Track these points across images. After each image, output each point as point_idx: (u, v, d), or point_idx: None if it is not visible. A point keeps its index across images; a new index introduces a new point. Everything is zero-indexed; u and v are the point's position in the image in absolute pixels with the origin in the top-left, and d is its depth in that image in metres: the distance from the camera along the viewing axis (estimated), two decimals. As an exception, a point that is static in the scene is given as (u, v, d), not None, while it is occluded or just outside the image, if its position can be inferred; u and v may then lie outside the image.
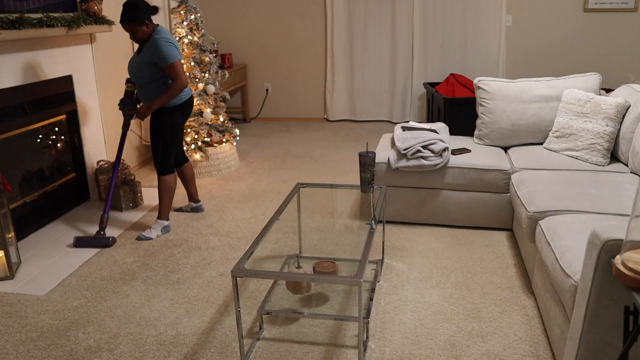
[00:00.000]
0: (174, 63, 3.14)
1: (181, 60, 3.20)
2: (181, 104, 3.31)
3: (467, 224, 3.37)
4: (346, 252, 3.12)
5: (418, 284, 2.75)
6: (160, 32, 3.17)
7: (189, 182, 3.69)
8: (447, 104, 4.74)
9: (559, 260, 2.04)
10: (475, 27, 5.99)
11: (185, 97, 3.34)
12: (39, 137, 3.60)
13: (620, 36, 5.83)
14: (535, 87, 3.51)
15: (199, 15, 4.50)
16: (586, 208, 2.49)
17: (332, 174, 4.52)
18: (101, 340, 2.36)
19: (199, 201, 3.78)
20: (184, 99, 3.33)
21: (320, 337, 2.34)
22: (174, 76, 3.16)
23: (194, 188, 3.73)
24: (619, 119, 3.10)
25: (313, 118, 6.66)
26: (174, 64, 3.14)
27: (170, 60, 3.13)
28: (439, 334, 2.34)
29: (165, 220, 3.44)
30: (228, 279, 2.86)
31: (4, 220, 2.87)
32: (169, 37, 3.16)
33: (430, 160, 3.24)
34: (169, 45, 3.13)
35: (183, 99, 3.31)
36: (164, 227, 3.43)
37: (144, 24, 3.12)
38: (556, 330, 2.09)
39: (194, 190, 3.73)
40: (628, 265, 1.38)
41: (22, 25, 3.09)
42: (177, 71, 3.16)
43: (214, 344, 2.32)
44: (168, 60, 3.12)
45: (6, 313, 2.59)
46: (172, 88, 3.16)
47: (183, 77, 3.18)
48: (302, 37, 6.39)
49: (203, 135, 4.49)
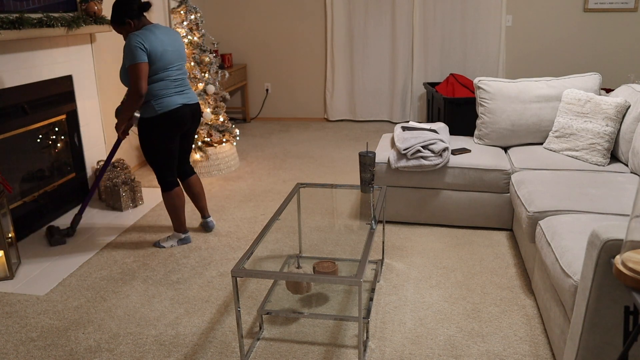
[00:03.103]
0: (130, 66, 2.78)
1: (142, 64, 2.78)
2: (160, 115, 2.92)
3: (467, 224, 3.37)
4: (346, 252, 3.12)
5: (418, 284, 2.75)
6: (139, 32, 2.83)
7: (195, 196, 3.36)
8: (447, 104, 4.74)
9: (559, 260, 2.04)
10: (475, 27, 5.99)
11: (165, 109, 2.92)
12: (39, 137, 3.60)
13: (620, 36, 5.83)
14: (535, 87, 3.51)
15: (199, 15, 4.50)
16: (586, 208, 2.49)
17: (332, 174, 4.52)
18: (101, 340, 2.36)
19: (208, 216, 3.45)
20: (163, 111, 2.92)
21: (320, 337, 2.34)
22: (129, 82, 2.81)
23: (202, 203, 3.39)
24: (619, 119, 3.10)
25: (313, 118, 6.66)
26: (130, 67, 2.78)
27: (127, 63, 2.79)
28: (439, 334, 2.34)
29: (181, 233, 3.26)
30: (228, 279, 2.86)
31: (4, 220, 2.87)
32: (144, 38, 2.80)
33: (430, 160, 3.24)
34: (135, 47, 2.76)
35: (162, 111, 2.92)
36: (181, 240, 3.26)
37: (125, 23, 2.88)
38: (556, 330, 2.09)
39: (202, 205, 3.40)
40: (628, 265, 1.38)
41: (22, 25, 3.09)
42: (133, 76, 2.78)
43: (214, 344, 2.32)
44: (126, 63, 2.80)
45: (6, 313, 2.59)
46: (128, 96, 2.83)
47: (139, 83, 2.77)
48: (302, 37, 6.39)
49: (203, 135, 4.49)
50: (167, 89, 2.94)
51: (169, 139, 3.02)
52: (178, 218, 3.21)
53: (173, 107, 2.95)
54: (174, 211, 3.19)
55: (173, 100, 2.96)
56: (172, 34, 3.00)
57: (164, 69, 2.92)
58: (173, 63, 2.96)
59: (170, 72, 2.95)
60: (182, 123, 3.03)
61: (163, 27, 2.98)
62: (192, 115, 3.09)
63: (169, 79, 2.95)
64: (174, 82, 2.98)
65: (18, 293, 2.77)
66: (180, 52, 3.01)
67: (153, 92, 2.92)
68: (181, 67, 3.04)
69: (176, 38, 3.01)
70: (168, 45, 2.92)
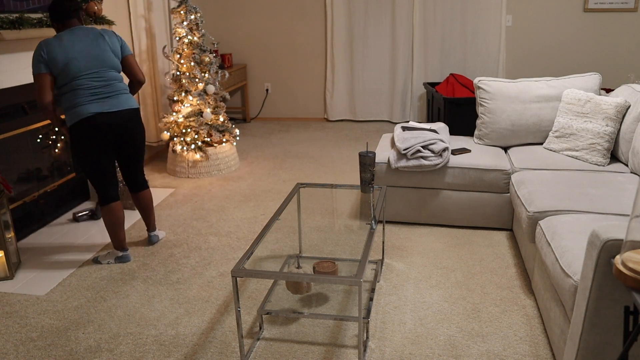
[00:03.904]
0: (33, 76, 2.72)
1: (40, 75, 2.70)
2: (73, 126, 2.78)
3: (467, 224, 3.37)
4: (346, 252, 3.12)
5: (418, 284, 2.75)
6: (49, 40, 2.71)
7: (143, 210, 3.19)
8: (447, 104, 4.74)
9: (559, 260, 2.04)
10: (475, 27, 5.99)
11: (74, 119, 2.76)
12: (39, 137, 3.60)
13: (620, 36, 5.83)
14: (535, 87, 3.51)
15: (199, 15, 4.50)
16: (586, 208, 2.49)
17: (332, 174, 4.52)
18: (101, 340, 2.36)
19: (153, 230, 3.26)
20: (73, 122, 2.77)
21: (320, 337, 2.34)
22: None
23: (150, 218, 3.23)
24: (619, 119, 3.10)
25: (313, 118, 6.66)
26: (33, 77, 2.72)
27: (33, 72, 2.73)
28: (439, 334, 2.34)
29: (119, 251, 3.05)
30: (228, 279, 2.86)
31: (4, 220, 2.87)
32: (48, 48, 2.68)
33: (430, 160, 3.24)
34: (36, 58, 2.68)
35: (72, 122, 2.77)
36: (118, 257, 3.05)
37: (53, 25, 2.82)
38: (556, 330, 2.09)
39: (149, 220, 3.23)
40: (628, 265, 1.38)
41: (22, 25, 3.09)
42: (35, 86, 2.72)
43: (214, 344, 2.32)
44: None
45: (6, 313, 2.59)
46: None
47: (40, 94, 2.70)
48: (302, 37, 6.39)
49: (203, 135, 4.49)
50: (78, 98, 2.75)
51: (93, 151, 2.81)
52: (115, 235, 3.01)
53: (83, 117, 2.74)
54: (110, 227, 2.98)
55: (84, 109, 2.75)
56: (89, 40, 2.77)
57: (73, 78, 2.73)
58: (83, 71, 2.74)
59: (81, 81, 2.74)
60: (99, 133, 2.79)
61: (81, 32, 2.78)
62: (115, 125, 2.82)
63: (80, 89, 2.75)
64: (88, 90, 2.75)
65: (18, 293, 2.77)
66: (98, 58, 2.77)
67: (65, 102, 2.79)
68: (101, 73, 2.79)
69: (95, 44, 2.78)
70: (77, 53, 2.72)
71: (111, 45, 2.85)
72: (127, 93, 2.92)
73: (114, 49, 2.86)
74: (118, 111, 2.83)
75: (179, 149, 4.46)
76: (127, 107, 2.87)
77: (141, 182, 3.14)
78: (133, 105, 2.92)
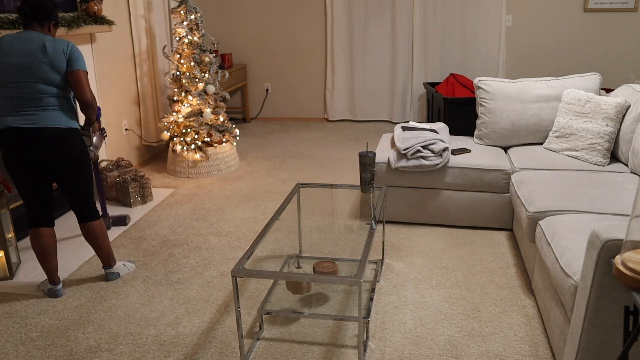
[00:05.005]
0: None
1: None
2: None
3: (467, 224, 3.38)
4: (346, 252, 3.12)
5: (418, 284, 2.75)
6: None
7: (92, 244, 2.80)
8: (447, 104, 4.74)
9: (559, 260, 2.04)
10: (475, 27, 5.99)
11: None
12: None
13: (620, 36, 5.83)
14: (535, 87, 3.51)
15: (199, 15, 4.50)
16: (586, 208, 2.50)
17: (332, 174, 4.52)
18: (101, 340, 2.36)
19: (109, 267, 2.86)
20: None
21: (320, 337, 2.34)
22: None
23: (101, 253, 2.82)
24: (619, 119, 3.10)
25: (313, 118, 6.66)
26: None
27: None
28: (439, 334, 2.34)
29: (49, 283, 2.72)
30: (228, 279, 2.86)
31: (4, 220, 2.87)
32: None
33: (430, 160, 3.24)
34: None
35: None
36: (49, 289, 2.72)
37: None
38: (556, 330, 2.09)
39: (102, 255, 2.83)
40: (628, 265, 1.38)
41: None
42: None
43: (214, 344, 2.32)
44: None
45: (6, 313, 2.59)
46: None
47: None
48: (302, 37, 6.39)
49: (203, 135, 4.49)
50: (1, 107, 2.51)
51: (12, 167, 2.55)
52: (42, 263, 2.68)
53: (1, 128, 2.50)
54: (37, 254, 2.67)
55: (2, 120, 2.50)
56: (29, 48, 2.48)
57: (3, 85, 2.49)
58: (12, 79, 2.47)
59: (8, 90, 2.48)
60: (13, 150, 2.51)
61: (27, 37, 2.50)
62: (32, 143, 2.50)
63: (4, 97, 2.50)
64: (12, 100, 2.49)
65: (18, 293, 2.77)
66: (29, 69, 2.46)
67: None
68: (30, 85, 2.48)
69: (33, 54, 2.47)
70: (13, 59, 2.46)
71: (52, 58, 2.49)
72: (57, 110, 2.54)
73: (55, 62, 2.49)
74: (37, 128, 2.49)
75: (179, 149, 4.47)
76: (51, 126, 2.51)
77: (86, 212, 2.74)
78: (61, 124, 2.54)
